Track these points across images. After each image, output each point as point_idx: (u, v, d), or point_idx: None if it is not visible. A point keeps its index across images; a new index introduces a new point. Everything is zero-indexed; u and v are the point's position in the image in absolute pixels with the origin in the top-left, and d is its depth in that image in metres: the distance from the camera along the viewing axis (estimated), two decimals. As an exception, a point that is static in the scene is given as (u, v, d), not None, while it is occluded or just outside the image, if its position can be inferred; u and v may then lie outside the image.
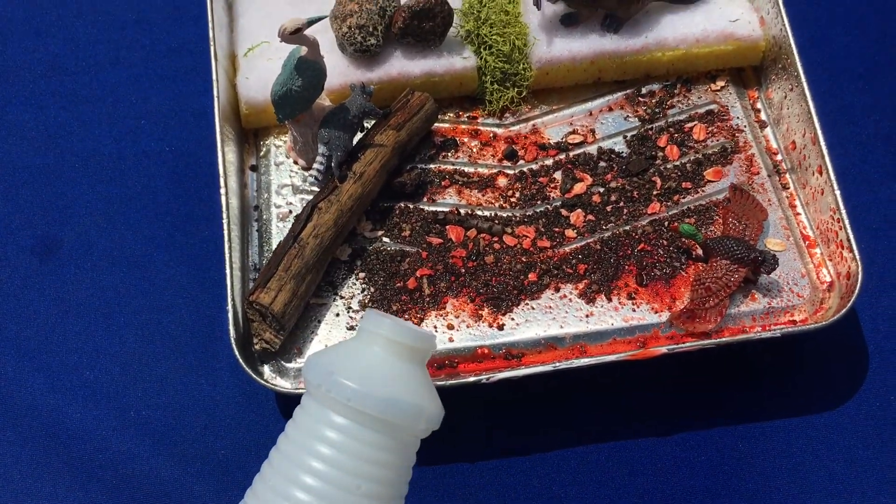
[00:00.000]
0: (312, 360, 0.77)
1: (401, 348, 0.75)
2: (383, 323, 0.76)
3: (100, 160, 1.05)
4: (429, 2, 1.00)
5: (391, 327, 0.75)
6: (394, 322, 0.76)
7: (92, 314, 0.97)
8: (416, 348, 0.76)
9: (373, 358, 0.75)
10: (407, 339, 0.75)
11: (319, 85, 0.94)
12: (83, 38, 1.13)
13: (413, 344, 0.76)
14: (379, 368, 0.75)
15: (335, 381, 0.73)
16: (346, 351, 0.77)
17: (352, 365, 0.75)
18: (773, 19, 1.01)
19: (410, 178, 0.98)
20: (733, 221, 0.93)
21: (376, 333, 0.76)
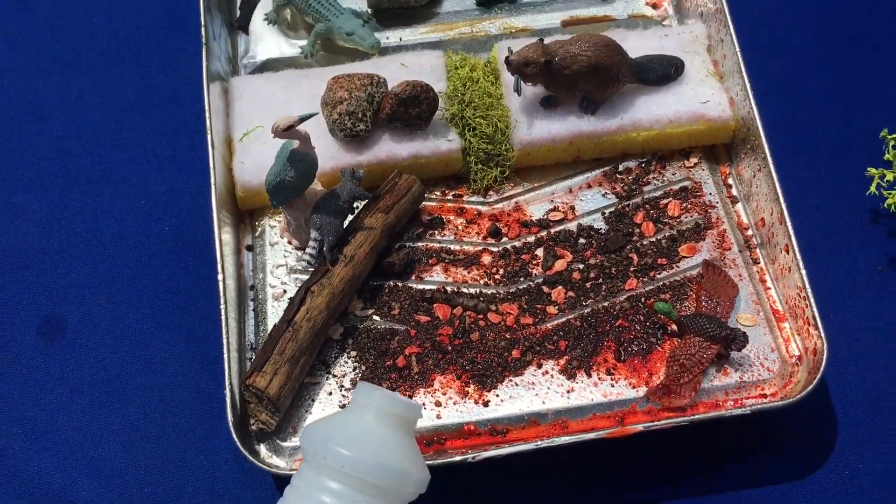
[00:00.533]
0: (309, 429, 0.83)
1: (391, 417, 0.82)
2: (375, 394, 0.83)
3: (102, 240, 1.10)
4: (415, 90, 1.05)
5: (382, 398, 0.82)
6: (384, 393, 0.83)
7: (96, 392, 1.01)
8: (405, 417, 0.83)
9: (365, 427, 0.82)
10: (396, 408, 0.82)
11: (311, 175, 0.99)
12: (86, 121, 1.18)
13: (402, 413, 0.82)
14: (371, 436, 0.81)
15: (331, 449, 0.80)
16: (340, 421, 0.84)
17: (346, 434, 0.81)
18: (741, 101, 1.06)
19: (399, 259, 1.03)
20: (705, 299, 0.98)
21: (368, 404, 0.82)
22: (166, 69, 1.21)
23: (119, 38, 1.24)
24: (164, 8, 1.25)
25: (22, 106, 1.19)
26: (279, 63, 1.20)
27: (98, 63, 1.22)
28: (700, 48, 1.13)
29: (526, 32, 1.22)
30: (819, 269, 1.02)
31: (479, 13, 1.24)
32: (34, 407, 1.00)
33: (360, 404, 0.83)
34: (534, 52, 1.04)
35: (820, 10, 1.23)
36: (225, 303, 0.95)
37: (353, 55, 1.19)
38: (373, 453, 0.80)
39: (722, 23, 1.10)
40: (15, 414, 1.00)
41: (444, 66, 1.14)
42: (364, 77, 1.07)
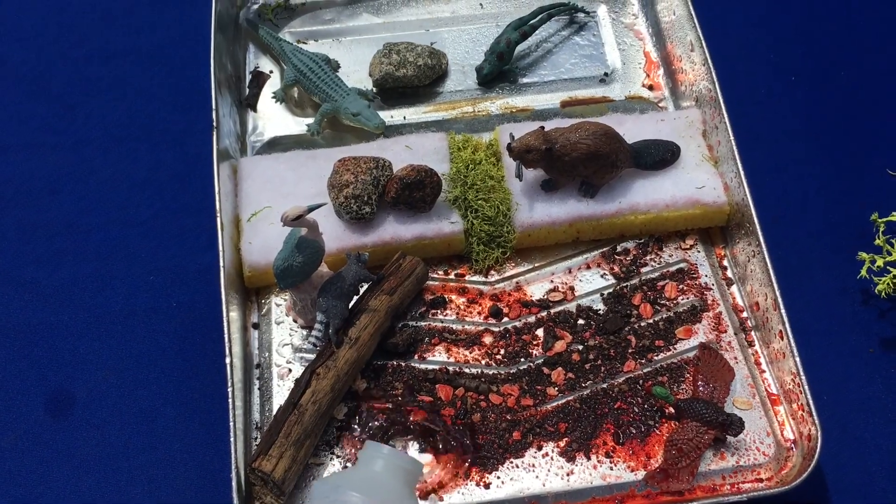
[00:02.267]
0: (318, 483, 0.92)
1: (397, 470, 0.91)
2: (381, 449, 0.92)
3: (111, 316, 1.12)
4: (419, 174, 1.08)
5: (389, 452, 0.92)
6: (390, 449, 0.92)
7: (102, 469, 1.02)
8: (410, 471, 0.92)
9: (374, 476, 0.90)
10: (402, 462, 0.91)
11: (318, 260, 1.01)
12: (96, 198, 1.20)
13: (407, 466, 0.91)
14: (379, 485, 0.89)
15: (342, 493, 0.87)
16: (349, 474, 0.93)
17: (355, 482, 0.89)
18: (736, 186, 1.10)
19: (402, 339, 1.05)
20: (702, 383, 1.00)
21: (375, 457, 0.91)
22: (175, 147, 1.24)
23: (130, 116, 1.27)
24: (174, 86, 1.29)
25: (34, 182, 1.22)
26: (286, 140, 1.24)
27: (109, 141, 1.25)
28: (695, 133, 1.17)
29: (526, 112, 1.26)
30: (813, 351, 1.04)
31: (481, 93, 1.28)
32: (40, 484, 1.01)
33: (368, 457, 0.91)
34: (535, 139, 1.07)
35: (811, 96, 1.27)
36: (232, 386, 0.97)
37: (358, 133, 1.23)
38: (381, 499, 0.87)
39: (716, 109, 1.14)
40: (20, 492, 1.01)
41: (447, 147, 1.17)
42: (369, 160, 1.11)
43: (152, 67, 1.31)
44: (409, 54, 1.26)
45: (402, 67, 1.25)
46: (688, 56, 1.23)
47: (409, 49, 1.27)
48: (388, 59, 1.26)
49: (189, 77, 1.28)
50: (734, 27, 1.34)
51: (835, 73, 1.29)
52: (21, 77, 1.30)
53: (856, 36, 1.32)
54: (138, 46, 1.32)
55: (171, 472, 1.02)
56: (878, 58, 1.31)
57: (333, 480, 0.90)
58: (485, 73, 1.28)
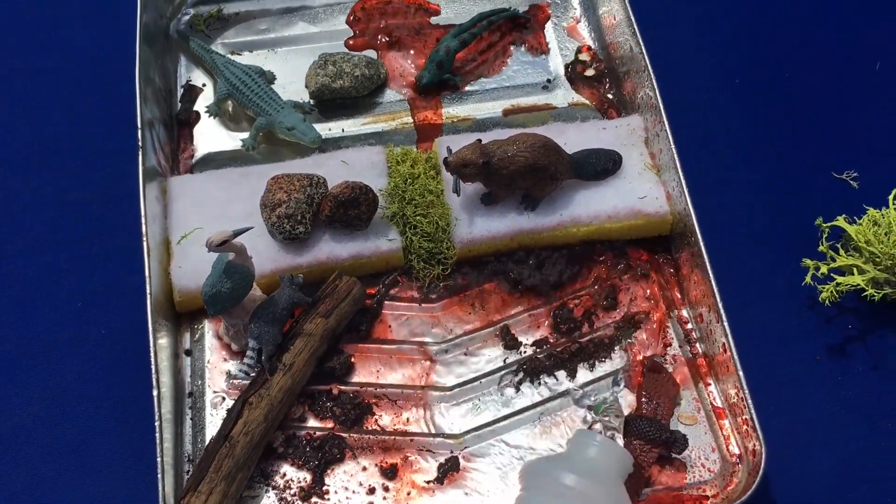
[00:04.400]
0: (529, 464, 0.93)
1: (609, 458, 0.90)
2: (595, 437, 0.91)
3: (37, 344, 1.07)
4: (353, 192, 1.05)
5: (602, 440, 0.90)
6: (603, 437, 0.91)
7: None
8: (621, 460, 0.90)
9: (587, 461, 0.89)
10: (616, 451, 0.90)
11: (248, 285, 0.98)
12: (18, 220, 1.15)
13: (620, 456, 0.90)
14: (592, 469, 0.89)
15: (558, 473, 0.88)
16: (560, 457, 0.93)
17: (570, 464, 0.89)
18: (677, 195, 1.08)
19: (339, 363, 1.02)
20: (646, 400, 0.98)
21: (589, 443, 0.90)
22: (102, 167, 1.19)
23: (52, 135, 1.22)
24: (99, 103, 1.24)
25: (-51, 202, 1.17)
26: (220, 156, 1.20)
27: (30, 161, 1.20)
28: (637, 141, 1.15)
29: (468, 122, 1.23)
30: (758, 361, 1.02)
31: (422, 102, 1.25)
32: (-37, 526, 0.97)
33: (580, 444, 0.91)
34: (471, 153, 1.04)
35: (754, 101, 1.25)
36: (160, 419, 0.93)
37: (295, 148, 1.19)
38: (596, 482, 0.86)
39: (657, 116, 1.12)
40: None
41: (385, 161, 1.14)
42: (303, 178, 1.07)
43: (76, 84, 1.25)
44: (345, 65, 1.23)
45: (338, 78, 1.22)
46: (630, 61, 1.21)
47: (346, 59, 1.23)
48: (323, 69, 1.22)
49: (116, 93, 1.22)
50: (675, 31, 1.32)
51: (777, 77, 1.27)
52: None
53: (797, 40, 1.31)
54: (61, 61, 1.27)
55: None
56: (821, 61, 1.29)
57: (544, 462, 0.91)
58: (424, 82, 1.24)
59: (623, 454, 0.90)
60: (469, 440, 0.99)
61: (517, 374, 1.03)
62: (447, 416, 1.01)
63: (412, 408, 1.01)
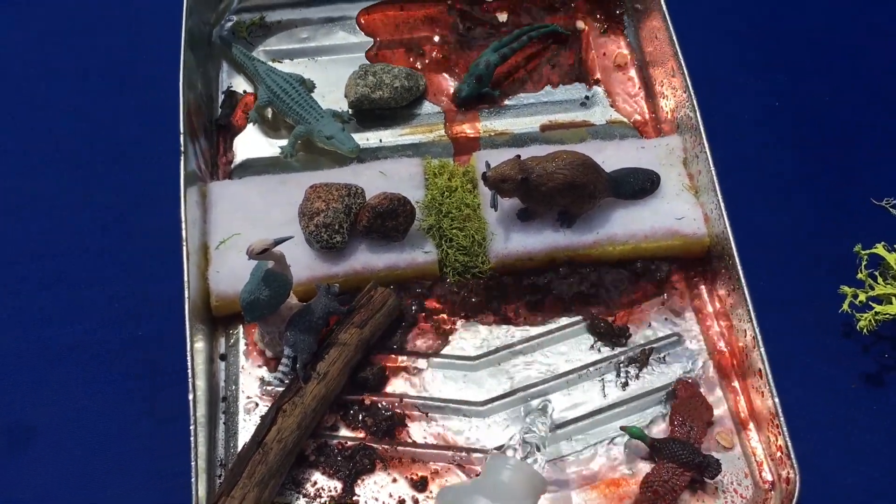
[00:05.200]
0: (443, 491, 0.92)
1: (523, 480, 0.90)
2: (509, 460, 0.91)
3: (73, 345, 1.09)
4: (392, 203, 1.05)
5: (516, 463, 0.90)
6: (517, 460, 0.92)
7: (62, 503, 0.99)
8: (535, 484, 0.90)
9: (500, 484, 0.89)
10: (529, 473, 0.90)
11: (286, 293, 0.98)
12: (58, 222, 1.17)
13: (533, 479, 0.90)
14: (505, 492, 0.89)
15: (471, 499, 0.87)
16: (475, 482, 0.92)
17: (482, 489, 0.89)
18: (716, 218, 1.07)
19: (372, 374, 1.02)
20: (679, 422, 0.98)
21: (502, 467, 0.90)
22: (142, 170, 1.20)
23: (93, 138, 1.23)
24: (140, 107, 1.25)
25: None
26: (259, 163, 1.21)
27: (71, 163, 1.21)
28: (676, 161, 1.15)
29: (505, 136, 1.23)
30: (793, 388, 1.01)
31: (460, 115, 1.26)
32: (-3, 521, 0.99)
33: (494, 468, 0.90)
34: (510, 168, 1.05)
35: (793, 124, 1.25)
36: (195, 423, 0.94)
37: (333, 156, 1.20)
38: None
39: (697, 137, 1.12)
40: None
41: (423, 173, 1.15)
42: (342, 188, 1.08)
43: (119, 87, 1.27)
44: (385, 76, 1.23)
45: (378, 89, 1.22)
46: (669, 81, 1.20)
47: (386, 70, 1.24)
48: (363, 80, 1.23)
49: (157, 97, 1.24)
50: (717, 52, 1.31)
51: (818, 101, 1.27)
52: (-23, 96, 1.27)
53: (839, 64, 1.30)
54: (104, 65, 1.29)
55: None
56: (863, 86, 1.28)
57: (459, 488, 0.91)
58: (463, 95, 1.25)
59: (535, 474, 0.91)
60: (501, 455, 0.99)
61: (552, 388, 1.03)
62: (479, 430, 1.01)
63: (444, 420, 1.01)
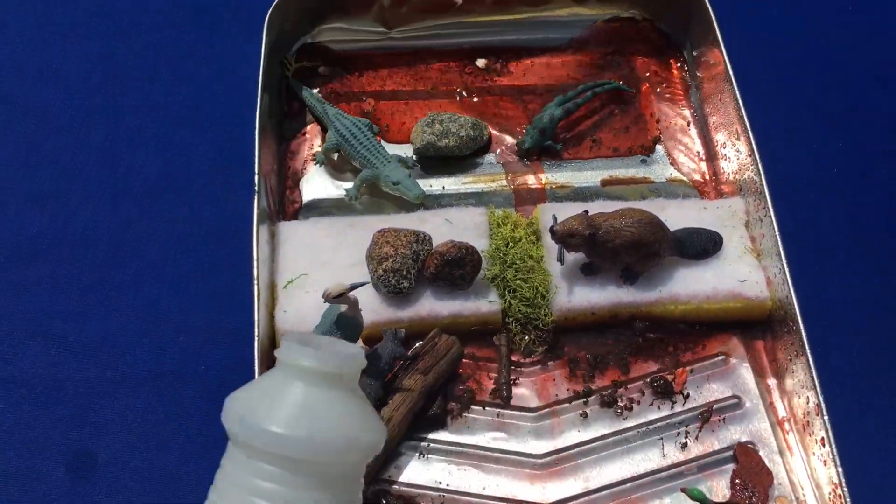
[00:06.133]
0: (229, 403, 0.73)
1: (326, 377, 0.71)
2: (301, 353, 0.71)
3: (138, 376, 1.10)
4: (460, 251, 1.07)
5: (313, 357, 0.70)
6: (310, 351, 0.71)
7: (120, 535, 1.01)
8: (342, 374, 0.72)
9: (294, 395, 0.70)
10: (332, 366, 0.70)
11: (356, 337, 1.00)
12: (131, 252, 1.19)
13: (337, 370, 0.71)
14: (301, 405, 0.70)
15: (252, 427, 0.69)
16: (264, 388, 0.72)
17: (270, 405, 0.70)
18: (779, 283, 1.08)
19: (441, 409, 1.03)
20: (740, 487, 0.98)
21: (296, 365, 0.71)
22: (213, 205, 1.22)
23: (169, 170, 1.26)
24: (215, 143, 1.28)
25: (68, 234, 1.20)
26: (323, 204, 1.23)
27: (146, 194, 1.24)
28: (738, 223, 1.16)
29: (566, 189, 1.25)
30: (860, 456, 1.00)
31: (522, 166, 1.28)
32: (58, 550, 1.00)
33: (286, 365, 0.72)
34: (578, 223, 1.06)
35: (856, 188, 1.25)
36: (261, 462, 0.95)
37: (396, 201, 1.22)
38: (304, 426, 0.68)
39: (761, 201, 1.13)
40: (37, 557, 0.99)
41: (487, 223, 1.16)
42: (410, 234, 1.10)
43: (194, 123, 1.30)
44: (451, 125, 1.26)
45: (444, 138, 1.25)
46: (732, 144, 1.22)
47: (453, 120, 1.26)
48: (430, 128, 1.25)
49: (230, 134, 1.27)
50: (780, 114, 1.33)
51: (879, 167, 1.28)
52: (60, 125, 1.29)
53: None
54: (182, 100, 1.32)
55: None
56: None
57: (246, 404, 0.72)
58: (526, 147, 1.27)
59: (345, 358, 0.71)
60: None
61: (611, 444, 1.03)
62: (537, 485, 1.01)
63: (502, 472, 1.02)
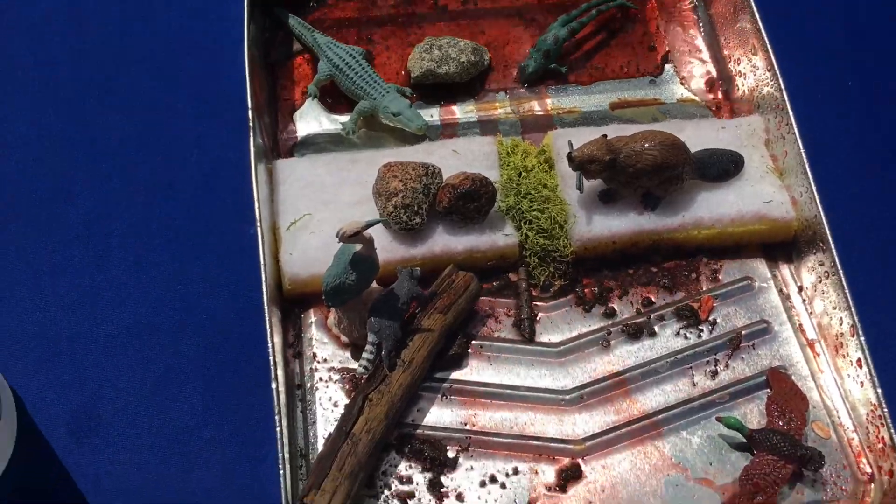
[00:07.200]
0: None
1: None
2: None
3: (136, 329, 1.04)
4: (474, 184, 1.01)
5: None
6: None
7: (131, 496, 0.95)
8: None
9: None
10: None
11: (372, 277, 0.94)
12: (115, 201, 1.11)
13: None
14: None
15: None
16: None
17: None
18: (806, 202, 1.04)
19: (460, 347, 0.99)
20: (777, 413, 0.95)
21: None
22: (201, 145, 1.15)
23: (149, 113, 1.17)
24: (199, 79, 1.20)
25: (47, 185, 1.12)
26: (319, 139, 1.16)
27: (127, 139, 1.15)
28: (758, 142, 1.11)
29: (573, 114, 1.19)
30: (891, 374, 0.98)
31: (525, 92, 1.21)
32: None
33: None
34: (597, 149, 1.01)
35: (881, 100, 1.20)
36: (279, 413, 0.90)
37: (396, 134, 1.16)
38: None
39: (783, 118, 1.08)
40: (44, 520, 0.93)
41: (497, 152, 1.10)
42: (418, 167, 1.03)
43: (176, 59, 1.21)
44: (451, 50, 1.18)
45: (444, 64, 1.18)
46: (748, 59, 1.16)
47: (452, 45, 1.19)
48: (429, 54, 1.18)
49: (217, 69, 1.19)
50: (796, 22, 1.26)
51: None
52: (33, 73, 1.20)
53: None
54: (159, 38, 1.23)
55: (208, 499, 0.94)
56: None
57: None
58: (529, 71, 1.20)
59: None
60: (591, 447, 0.96)
61: (639, 377, 0.99)
62: (566, 420, 0.97)
63: (528, 410, 0.98)
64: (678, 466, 0.94)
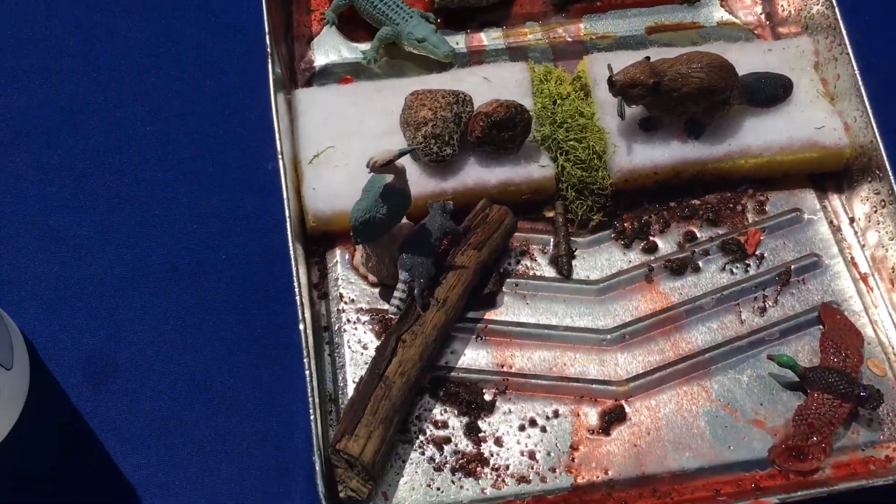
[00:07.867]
0: None
1: None
2: None
3: (151, 270, 0.98)
4: (509, 111, 0.95)
5: None
6: None
7: (153, 446, 0.90)
8: None
9: None
10: None
11: (404, 211, 0.88)
12: (127, 132, 1.05)
13: None
14: None
15: None
16: None
17: None
18: (860, 128, 0.98)
19: (497, 286, 0.94)
20: (832, 350, 0.90)
21: None
22: (216, 74, 1.08)
23: (161, 38, 1.11)
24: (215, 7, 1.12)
25: (53, 114, 1.06)
26: (339, 69, 1.09)
27: (139, 67, 1.09)
28: (807, 65, 1.04)
29: (608, 39, 1.12)
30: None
31: (558, 16, 1.14)
32: (82, 457, 0.89)
33: None
34: (640, 72, 0.94)
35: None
36: (308, 356, 0.85)
37: (419, 62, 1.09)
38: None
39: (834, 38, 1.01)
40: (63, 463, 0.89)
41: (530, 79, 1.04)
42: (448, 94, 0.97)
43: None
44: (477, -29, 1.11)
45: (470, -15, 1.10)
46: (794, -24, 1.09)
47: (478, -35, 1.11)
48: (454, -25, 1.11)
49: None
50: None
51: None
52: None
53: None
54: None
55: (228, 446, 0.90)
56: None
57: None
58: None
59: None
60: (635, 388, 0.91)
61: (684, 314, 0.94)
62: (608, 361, 0.92)
63: (568, 350, 0.93)
64: (727, 407, 0.90)
